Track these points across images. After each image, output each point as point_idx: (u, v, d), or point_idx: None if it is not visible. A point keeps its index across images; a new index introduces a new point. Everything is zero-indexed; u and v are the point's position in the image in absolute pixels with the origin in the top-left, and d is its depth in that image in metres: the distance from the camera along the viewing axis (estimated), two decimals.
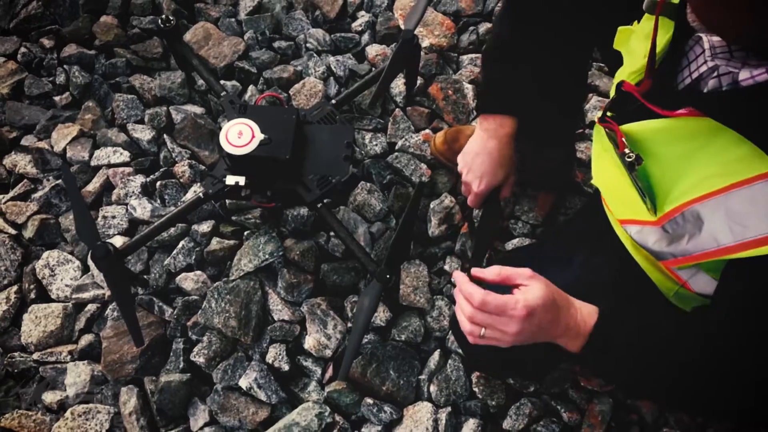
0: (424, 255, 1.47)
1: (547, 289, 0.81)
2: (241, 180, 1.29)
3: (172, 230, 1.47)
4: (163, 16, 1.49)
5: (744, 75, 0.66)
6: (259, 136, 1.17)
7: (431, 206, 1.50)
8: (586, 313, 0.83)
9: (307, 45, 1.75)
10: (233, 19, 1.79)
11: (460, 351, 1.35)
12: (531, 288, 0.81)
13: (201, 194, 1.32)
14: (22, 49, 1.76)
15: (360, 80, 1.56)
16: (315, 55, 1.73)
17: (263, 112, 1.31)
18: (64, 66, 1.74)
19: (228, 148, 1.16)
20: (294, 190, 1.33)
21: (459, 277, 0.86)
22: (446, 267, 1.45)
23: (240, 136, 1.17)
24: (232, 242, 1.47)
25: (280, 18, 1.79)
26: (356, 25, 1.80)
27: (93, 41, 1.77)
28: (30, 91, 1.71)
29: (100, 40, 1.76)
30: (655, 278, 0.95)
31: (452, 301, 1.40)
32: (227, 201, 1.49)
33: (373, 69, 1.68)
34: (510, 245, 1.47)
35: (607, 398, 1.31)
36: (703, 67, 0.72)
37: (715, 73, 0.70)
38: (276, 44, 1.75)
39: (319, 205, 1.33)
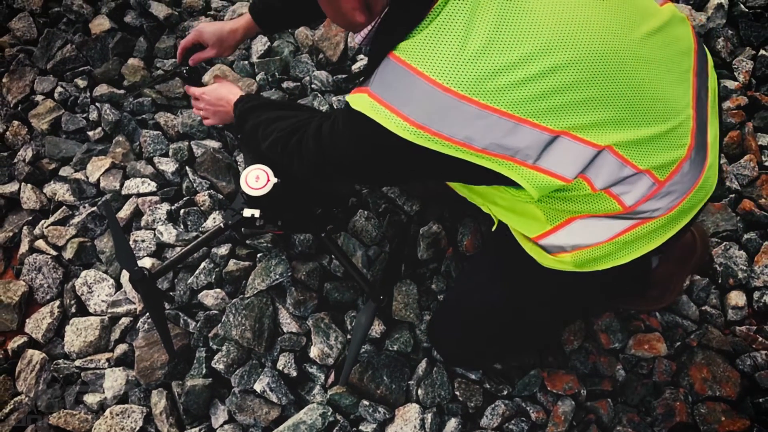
0: (413, 275, 1.69)
1: (214, 85, 1.45)
2: (257, 212, 1.50)
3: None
4: (184, 69, 1.71)
5: (357, 39, 1.07)
6: (273, 180, 1.39)
7: (421, 232, 1.71)
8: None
9: (312, 86, 1.96)
10: (246, 62, 2.01)
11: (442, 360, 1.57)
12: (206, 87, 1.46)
13: (222, 224, 1.54)
14: (59, 89, 1.98)
15: None
16: (319, 95, 1.94)
17: None
18: (96, 104, 1.95)
19: (247, 190, 1.38)
20: (301, 221, 1.54)
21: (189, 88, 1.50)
22: (433, 286, 1.67)
23: (257, 180, 1.38)
24: (246, 264, 1.68)
25: (288, 61, 2.00)
26: (356, 67, 2.01)
27: (122, 82, 1.99)
28: (67, 127, 1.92)
29: (128, 80, 1.97)
30: None
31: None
32: (243, 228, 1.71)
33: None
34: None
35: (570, 401, 1.53)
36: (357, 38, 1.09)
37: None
38: (284, 85, 1.96)
39: (322, 234, 1.55)
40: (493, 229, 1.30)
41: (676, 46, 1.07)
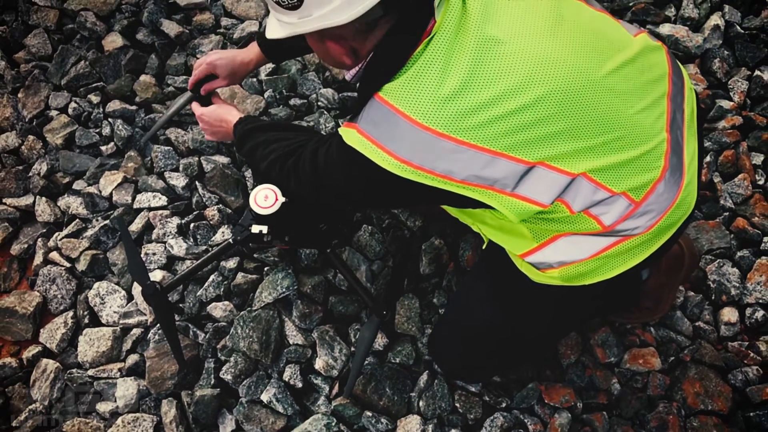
0: (416, 289, 1.74)
1: (213, 107, 1.50)
2: (264, 229, 1.56)
3: None
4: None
5: (347, 76, 1.17)
6: (281, 199, 1.44)
7: (423, 247, 1.77)
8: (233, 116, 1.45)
9: (319, 103, 2.02)
10: (255, 79, 2.06)
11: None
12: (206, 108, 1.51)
13: (231, 240, 1.59)
14: (73, 104, 2.04)
15: None
16: (325, 112, 2.00)
17: None
18: (109, 119, 2.01)
19: (256, 209, 1.44)
20: (308, 237, 1.60)
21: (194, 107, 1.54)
22: (435, 300, 1.72)
23: (266, 199, 1.44)
24: (254, 277, 1.74)
25: (295, 78, 2.06)
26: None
27: (134, 98, 2.05)
28: (80, 142, 1.98)
29: (140, 97, 2.04)
30: None
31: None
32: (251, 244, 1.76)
33: None
34: None
35: (566, 413, 1.57)
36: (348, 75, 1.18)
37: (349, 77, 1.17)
38: (292, 102, 2.02)
39: (327, 250, 1.61)
40: (484, 247, 1.36)
41: (649, 74, 1.14)
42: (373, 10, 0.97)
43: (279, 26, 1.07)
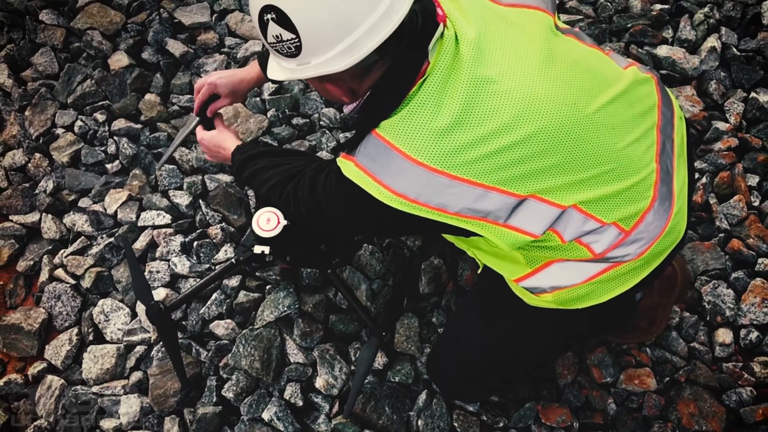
0: (415, 308, 1.76)
1: (213, 132, 1.53)
2: (266, 249, 1.58)
3: None
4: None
5: (345, 110, 1.19)
6: (283, 222, 1.47)
7: (422, 266, 1.79)
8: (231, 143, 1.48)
9: (321, 122, 2.05)
10: (258, 99, 2.09)
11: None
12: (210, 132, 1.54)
13: (234, 260, 1.62)
14: (79, 122, 2.07)
15: None
16: (327, 131, 2.03)
17: None
18: (115, 138, 2.04)
19: (259, 232, 1.47)
20: (309, 258, 1.63)
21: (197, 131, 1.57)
22: (434, 320, 1.75)
23: (268, 222, 1.47)
24: (256, 295, 1.76)
25: (298, 98, 2.09)
26: None
27: (139, 116, 2.08)
28: (86, 160, 2.02)
29: (145, 115, 2.07)
30: None
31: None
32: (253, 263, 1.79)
33: None
34: None
35: None
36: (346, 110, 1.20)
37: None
38: (294, 121, 2.05)
39: (328, 271, 1.63)
40: (479, 271, 1.39)
41: (638, 107, 1.18)
42: (370, 55, 1.01)
43: (279, 69, 1.11)
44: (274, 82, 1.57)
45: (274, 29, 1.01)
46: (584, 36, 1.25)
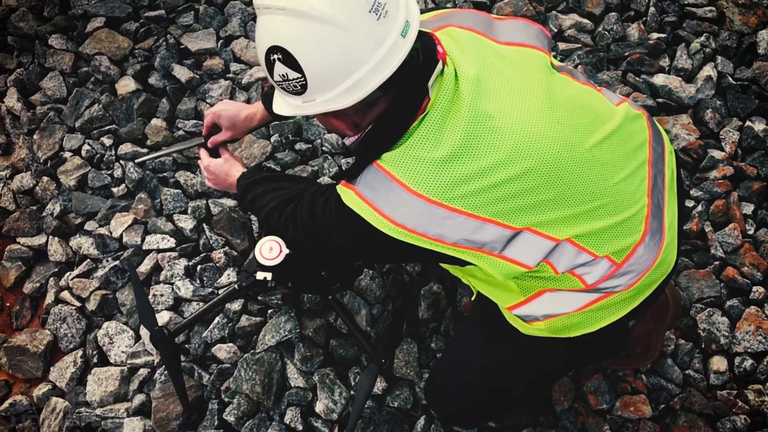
0: (414, 334, 1.79)
1: (219, 160, 1.57)
2: (269, 276, 1.61)
3: None
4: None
5: (347, 142, 1.22)
6: (285, 251, 1.51)
7: (422, 291, 1.82)
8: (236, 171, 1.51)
9: (323, 148, 2.09)
10: None
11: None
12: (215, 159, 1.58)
13: (236, 286, 1.65)
14: (86, 146, 2.11)
15: None
16: (329, 157, 2.07)
17: None
18: (121, 162, 2.08)
19: (262, 261, 1.50)
20: (310, 284, 1.66)
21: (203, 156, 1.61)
22: (433, 345, 1.77)
23: (271, 251, 1.50)
24: (258, 319, 1.79)
25: (301, 123, 2.13)
26: None
27: (145, 141, 2.12)
28: (92, 183, 2.05)
29: (151, 140, 2.11)
30: None
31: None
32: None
33: None
34: None
35: None
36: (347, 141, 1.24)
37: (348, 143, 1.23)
38: (297, 146, 2.09)
39: (329, 297, 1.67)
40: (473, 299, 1.43)
41: (630, 144, 1.22)
42: (373, 92, 1.04)
43: (285, 105, 1.15)
44: (279, 117, 1.61)
45: (280, 68, 1.05)
46: (578, 74, 1.29)
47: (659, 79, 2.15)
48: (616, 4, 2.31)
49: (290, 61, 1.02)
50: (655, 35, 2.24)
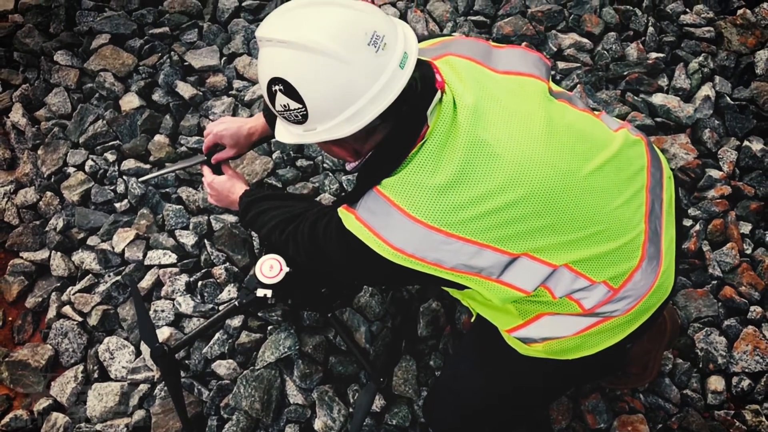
0: (413, 351, 1.80)
1: (222, 177, 1.57)
2: (269, 293, 1.63)
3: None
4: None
5: (348, 167, 1.23)
6: (285, 269, 1.52)
7: (421, 309, 1.83)
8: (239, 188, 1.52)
9: (324, 165, 2.11)
10: None
11: None
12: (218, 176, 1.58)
13: (236, 303, 1.66)
14: (89, 162, 2.13)
15: None
16: (330, 173, 2.08)
17: None
18: (124, 177, 2.10)
19: (262, 279, 1.52)
20: (310, 301, 1.67)
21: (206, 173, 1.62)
22: (431, 363, 1.78)
23: (271, 269, 1.52)
24: (258, 336, 1.81)
25: None
26: None
27: (148, 157, 2.14)
28: (95, 199, 2.07)
29: (154, 156, 2.13)
30: None
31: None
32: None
33: None
34: None
35: None
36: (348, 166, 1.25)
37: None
38: (298, 163, 2.11)
39: (329, 315, 1.68)
40: (472, 320, 1.44)
41: (628, 170, 1.24)
42: (372, 121, 1.06)
43: (287, 133, 1.17)
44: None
45: (281, 99, 1.07)
46: (576, 100, 1.31)
47: (658, 99, 2.17)
48: (615, 24, 2.33)
49: (291, 92, 1.05)
50: (653, 55, 2.26)
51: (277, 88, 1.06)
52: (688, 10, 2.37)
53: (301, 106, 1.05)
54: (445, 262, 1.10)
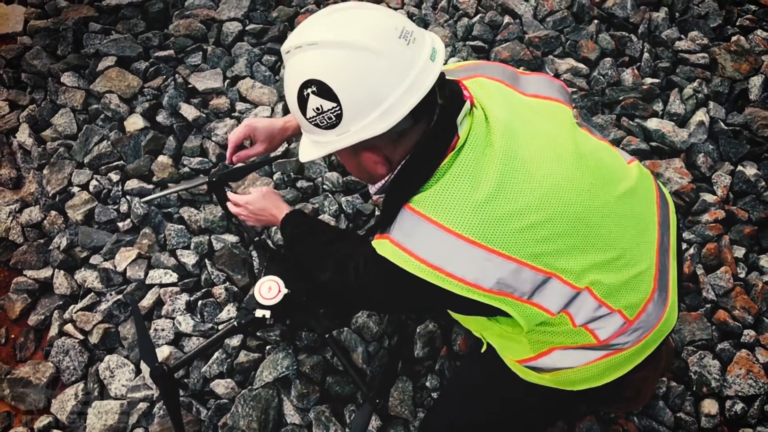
0: (409, 372, 1.82)
1: (258, 194, 1.55)
2: (267, 313, 1.65)
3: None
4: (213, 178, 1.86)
5: (372, 190, 1.24)
6: (284, 291, 1.55)
7: (418, 330, 1.86)
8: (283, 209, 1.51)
9: (324, 186, 2.14)
10: None
11: None
12: (250, 195, 1.56)
13: (235, 323, 1.69)
14: (94, 182, 2.17)
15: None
16: (330, 195, 2.12)
17: (283, 264, 1.69)
18: (127, 197, 2.14)
19: (261, 300, 1.54)
20: (307, 322, 1.70)
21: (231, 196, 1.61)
22: (428, 384, 1.80)
23: (269, 290, 1.55)
24: (256, 355, 1.83)
25: (302, 162, 2.19)
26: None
27: (151, 177, 2.18)
28: (99, 218, 2.11)
29: (158, 176, 2.17)
30: None
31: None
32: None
33: (376, 209, 2.08)
34: None
35: None
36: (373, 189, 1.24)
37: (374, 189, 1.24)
38: (298, 184, 2.15)
39: (326, 336, 1.70)
40: (483, 350, 1.44)
41: (644, 202, 1.27)
42: (404, 120, 1.07)
43: (314, 147, 1.17)
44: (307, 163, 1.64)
45: (314, 102, 1.07)
46: (594, 129, 1.34)
47: (653, 124, 2.20)
48: (611, 49, 2.37)
49: (324, 91, 1.05)
50: (648, 80, 2.30)
51: (308, 91, 1.06)
52: (683, 36, 2.42)
53: (335, 104, 1.05)
54: (484, 281, 1.08)
